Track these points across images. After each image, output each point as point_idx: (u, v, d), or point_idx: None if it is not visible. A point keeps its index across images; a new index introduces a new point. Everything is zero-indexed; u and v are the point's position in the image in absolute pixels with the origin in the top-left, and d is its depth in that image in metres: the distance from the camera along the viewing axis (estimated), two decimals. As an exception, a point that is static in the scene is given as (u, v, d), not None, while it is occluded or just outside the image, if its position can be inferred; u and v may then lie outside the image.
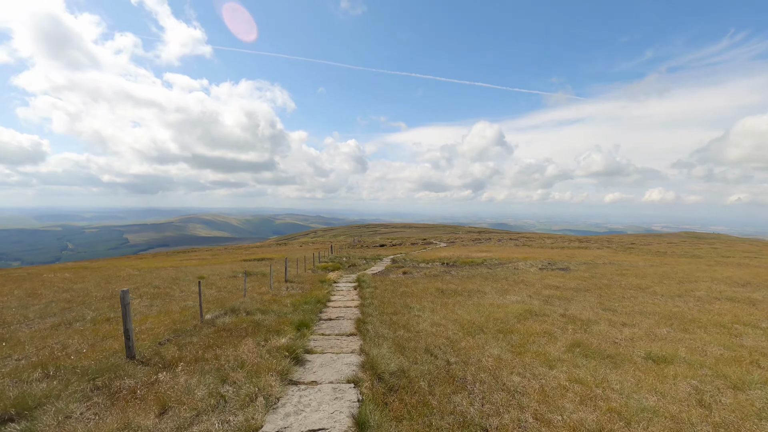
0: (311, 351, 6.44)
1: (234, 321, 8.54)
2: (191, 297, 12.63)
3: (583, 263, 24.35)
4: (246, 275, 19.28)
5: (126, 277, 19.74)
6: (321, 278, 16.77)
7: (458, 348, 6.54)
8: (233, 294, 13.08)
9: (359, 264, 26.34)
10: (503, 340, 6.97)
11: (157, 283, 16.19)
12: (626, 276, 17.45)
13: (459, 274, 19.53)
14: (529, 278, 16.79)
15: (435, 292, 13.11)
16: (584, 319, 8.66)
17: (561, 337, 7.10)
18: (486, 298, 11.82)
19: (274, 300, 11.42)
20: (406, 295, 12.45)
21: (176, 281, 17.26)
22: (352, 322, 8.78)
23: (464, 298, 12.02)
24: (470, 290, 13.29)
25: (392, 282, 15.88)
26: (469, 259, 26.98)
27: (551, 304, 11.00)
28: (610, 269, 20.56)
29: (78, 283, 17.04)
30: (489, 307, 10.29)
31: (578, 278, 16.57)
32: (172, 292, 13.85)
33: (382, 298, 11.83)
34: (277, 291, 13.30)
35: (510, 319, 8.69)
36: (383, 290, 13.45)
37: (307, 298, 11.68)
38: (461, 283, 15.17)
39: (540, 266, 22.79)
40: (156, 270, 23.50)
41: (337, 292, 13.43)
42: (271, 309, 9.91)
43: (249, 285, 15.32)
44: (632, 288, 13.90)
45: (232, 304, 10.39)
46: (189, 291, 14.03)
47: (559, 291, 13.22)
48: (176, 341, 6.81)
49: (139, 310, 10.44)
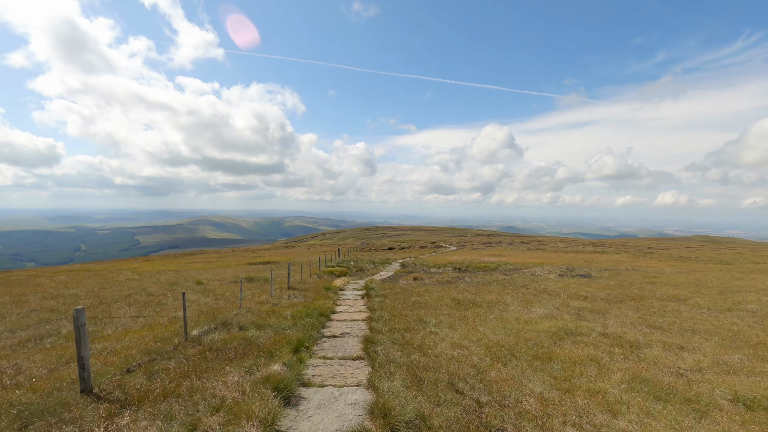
0: (308, 383, 5.26)
1: (223, 339, 7.43)
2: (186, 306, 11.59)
3: (604, 269, 22.84)
4: (247, 281, 18.30)
5: (123, 281, 18.87)
6: (326, 285, 15.65)
7: (488, 380, 5.32)
8: (230, 303, 12.00)
9: (367, 268, 25.18)
10: (542, 370, 5.71)
11: (153, 289, 15.23)
12: (657, 284, 15.98)
13: (473, 280, 18.24)
14: (551, 287, 15.43)
15: (451, 302, 11.86)
16: (631, 341, 7.35)
17: (612, 366, 5.82)
18: (509, 311, 10.53)
19: (272, 311, 10.30)
20: (419, 306, 11.23)
21: (173, 287, 16.30)
22: (358, 340, 7.60)
23: (484, 310, 10.75)
24: (490, 301, 12.00)
25: (403, 289, 14.68)
26: (483, 264, 25.62)
27: (585, 318, 9.67)
28: (636, 276, 19.05)
29: (72, 287, 16.19)
30: (515, 322, 9.01)
31: (605, 287, 15.16)
32: (166, 299, 12.83)
33: (392, 310, 10.63)
34: (278, 300, 12.19)
35: (543, 339, 7.41)
36: (393, 300, 12.25)
37: (309, 309, 10.54)
38: (478, 292, 13.89)
39: (559, 272, 21.36)
40: (156, 274, 22.64)
41: (343, 302, 12.26)
42: (268, 323, 8.78)
43: (249, 292, 14.27)
44: (670, 299, 12.47)
45: (225, 316, 9.30)
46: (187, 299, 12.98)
47: (588, 302, 11.86)
48: (148, 367, 5.71)
49: (122, 322, 9.41)
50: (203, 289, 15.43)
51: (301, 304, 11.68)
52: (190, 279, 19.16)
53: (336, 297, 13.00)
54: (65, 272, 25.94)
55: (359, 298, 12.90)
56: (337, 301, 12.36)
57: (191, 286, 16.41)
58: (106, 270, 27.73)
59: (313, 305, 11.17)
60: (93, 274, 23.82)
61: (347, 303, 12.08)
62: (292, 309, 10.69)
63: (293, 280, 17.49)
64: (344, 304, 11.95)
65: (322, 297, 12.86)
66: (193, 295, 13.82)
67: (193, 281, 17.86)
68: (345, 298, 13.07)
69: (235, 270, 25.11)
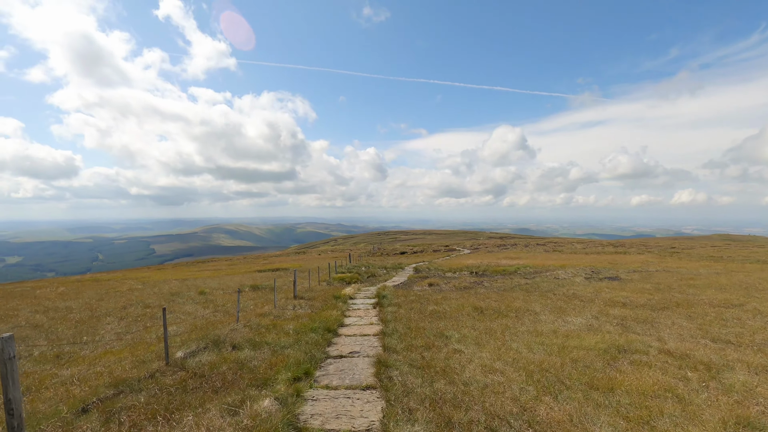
0: (305, 429, 4.09)
1: (211, 361, 6.33)
2: (180, 320, 10.60)
3: (632, 271, 21.14)
4: (252, 290, 17.32)
5: (125, 292, 18.10)
6: (335, 293, 14.52)
7: (539, 422, 4.06)
8: (229, 316, 10.96)
9: (379, 274, 23.98)
10: (606, 406, 4.42)
11: (151, 301, 14.33)
12: (698, 287, 14.34)
13: (493, 285, 16.86)
14: (581, 291, 13.97)
15: (472, 311, 10.57)
16: (703, 361, 5.97)
17: (696, 400, 4.49)
18: (542, 322, 9.20)
19: (273, 325, 9.19)
20: (437, 317, 9.98)
21: (174, 297, 15.39)
22: (369, 362, 6.41)
23: (512, 320, 9.43)
24: (517, 309, 10.66)
25: (417, 297, 13.44)
26: (500, 268, 24.15)
27: (633, 330, 8.29)
28: (670, 278, 17.36)
29: (69, 300, 15.42)
30: (552, 336, 7.69)
31: (641, 291, 13.63)
32: (159, 313, 11.84)
33: (407, 322, 9.41)
34: (281, 312, 11.09)
35: (594, 359, 6.10)
36: (408, 309, 11.02)
37: (314, 322, 9.40)
38: (501, 299, 12.55)
39: (584, 275, 19.78)
40: (161, 283, 21.87)
41: (352, 312, 11.09)
42: (266, 340, 7.66)
43: (251, 303, 13.23)
44: (723, 305, 10.92)
45: (219, 332, 8.22)
46: (181, 311, 12.03)
47: (630, 310, 10.42)
48: (110, 404, 4.63)
49: (106, 340, 8.42)
50: (204, 299, 14.48)
51: (306, 315, 10.56)
52: (193, 288, 18.28)
53: (345, 306, 11.84)
54: (73, 282, 25.46)
55: (370, 308, 11.72)
56: (346, 311, 11.19)
57: (193, 297, 15.48)
58: (112, 279, 27.20)
59: (320, 317, 10.03)
60: (97, 284, 23.23)
61: (357, 313, 10.91)
62: (296, 322, 9.57)
63: (300, 289, 16.43)
64: (354, 314, 10.78)
65: (330, 307, 11.73)
66: (192, 306, 12.85)
67: (196, 291, 16.95)
68: (355, 307, 11.90)
69: (242, 278, 24.23)
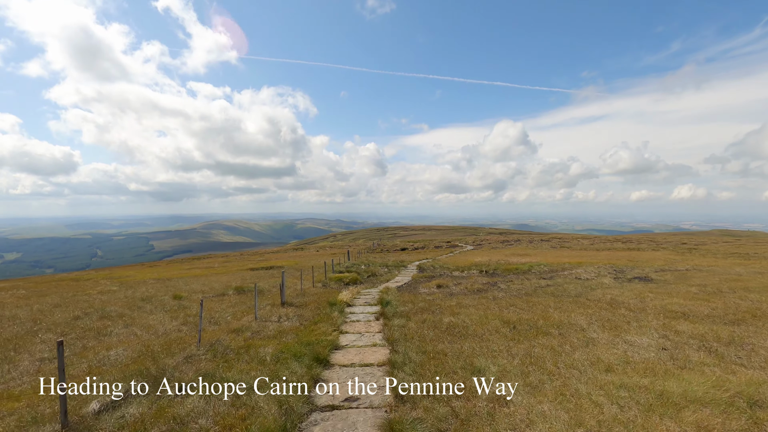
0: None
1: (138, 419, 4.18)
2: (132, 338, 8.43)
3: (659, 270, 18.92)
4: (236, 293, 15.18)
5: (94, 295, 15.93)
6: (331, 298, 12.37)
7: None
8: (198, 330, 8.78)
9: (380, 273, 21.81)
10: None
11: (115, 309, 12.16)
12: (752, 290, 12.05)
13: (511, 288, 14.67)
14: (620, 296, 11.76)
15: (501, 326, 8.37)
16: None
17: None
18: (597, 343, 7.02)
19: (247, 347, 7.02)
20: (458, 334, 7.80)
21: (144, 303, 13.24)
22: (375, 421, 4.24)
23: (557, 340, 7.26)
24: (557, 323, 8.45)
25: (428, 303, 11.28)
26: (512, 266, 21.94)
27: (731, 360, 6.10)
28: (711, 279, 15.07)
29: (21, 306, 13.25)
30: (629, 371, 5.51)
31: (691, 297, 11.41)
32: (115, 326, 9.59)
33: (421, 342, 7.24)
34: (263, 325, 8.92)
35: (729, 425, 3.93)
36: (420, 322, 8.83)
37: (302, 341, 7.22)
38: (530, 307, 10.36)
39: (610, 275, 17.58)
40: (138, 284, 19.70)
41: (350, 326, 8.91)
42: (229, 376, 5.49)
43: (230, 311, 11.07)
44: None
45: (167, 363, 6.05)
46: (141, 324, 9.84)
47: (699, 325, 8.21)
48: None
49: (13, 375, 6.24)
50: (177, 306, 12.31)
51: (292, 330, 8.39)
52: (172, 291, 16.12)
53: (341, 317, 9.66)
54: (44, 283, 23.30)
55: (372, 320, 9.54)
56: (342, 324, 9.01)
57: (165, 302, 13.33)
58: (91, 279, 25.05)
59: (309, 334, 7.85)
60: (72, 285, 21.07)
61: (356, 327, 8.73)
62: (277, 342, 7.40)
63: (291, 292, 14.26)
64: (352, 329, 8.60)
65: (323, 318, 9.56)
66: (159, 316, 10.69)
67: (172, 295, 14.78)
68: (354, 318, 9.72)
69: (231, 278, 22.08)
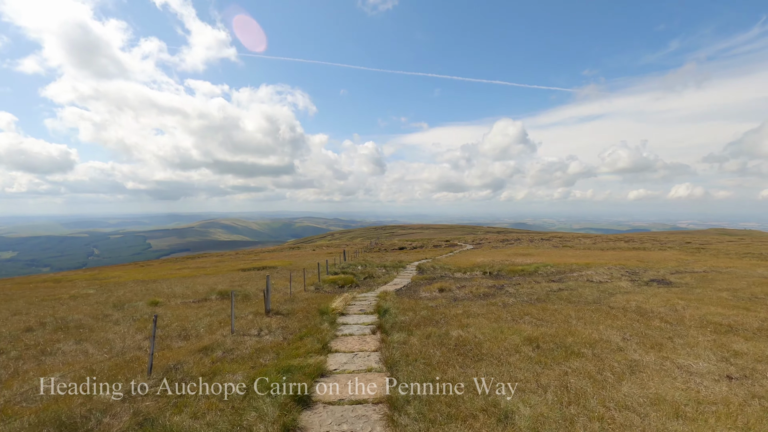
0: None
1: None
2: (79, 358, 7.07)
3: (675, 272, 17.63)
4: (220, 298, 13.82)
5: (65, 300, 14.54)
6: (322, 305, 11.02)
7: None
8: (162, 347, 7.41)
9: (377, 274, 20.46)
10: None
11: (78, 317, 10.77)
12: None
13: (520, 292, 13.33)
14: (645, 303, 10.41)
15: (521, 343, 7.00)
16: None
17: None
18: (645, 369, 5.68)
19: (212, 374, 5.67)
20: (471, 355, 6.46)
21: (117, 309, 11.89)
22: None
23: (593, 364, 5.91)
24: (586, 340, 7.09)
25: (430, 311, 9.94)
26: (517, 267, 20.61)
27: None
28: (738, 283, 13.73)
29: (-22, 314, 11.87)
30: (716, 425, 4.18)
31: (729, 304, 10.06)
32: (66, 342, 8.20)
33: (427, 368, 5.88)
34: (239, 340, 7.57)
35: None
36: (424, 337, 7.47)
37: (279, 369, 5.86)
38: (546, 317, 9.00)
39: (624, 278, 16.28)
40: (118, 287, 18.30)
41: (341, 342, 7.56)
42: (174, 426, 4.14)
43: (206, 321, 9.72)
44: None
45: (101, 400, 4.70)
46: (98, 339, 8.46)
47: (763, 343, 6.87)
48: None
49: None
50: (150, 314, 10.95)
51: (272, 348, 7.04)
52: (151, 295, 14.74)
53: (332, 330, 8.30)
54: (20, 285, 21.84)
55: (368, 333, 8.19)
56: (332, 340, 7.64)
57: (140, 309, 11.97)
58: (74, 280, 23.61)
59: (290, 356, 6.49)
60: (50, 287, 19.66)
61: (349, 344, 7.38)
62: (251, 365, 6.05)
63: (279, 297, 12.90)
64: (343, 347, 7.24)
65: (311, 330, 8.21)
66: (123, 327, 9.33)
67: (149, 300, 13.40)
68: (346, 332, 8.36)
69: (220, 279, 20.71)
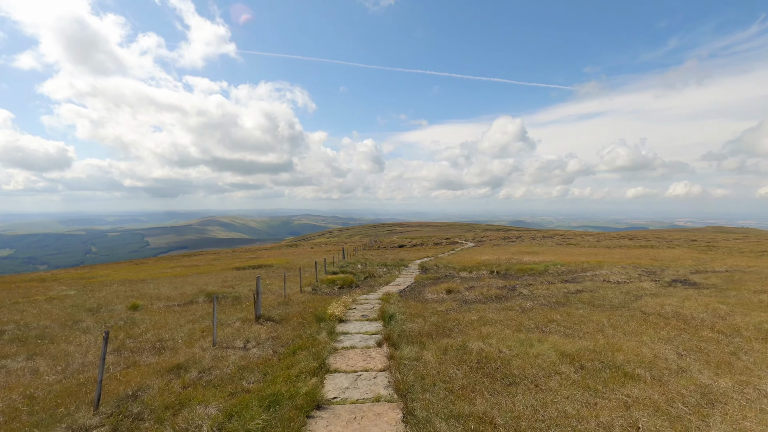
0: None
1: None
2: (28, 376, 5.84)
3: (694, 271, 16.44)
4: (207, 301, 12.60)
5: (39, 302, 13.30)
6: (319, 309, 9.82)
7: None
8: (131, 362, 6.19)
9: (378, 274, 19.26)
10: None
11: (45, 323, 9.54)
12: None
13: (536, 294, 12.13)
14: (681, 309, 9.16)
15: (558, 361, 5.79)
16: None
17: None
18: (729, 402, 4.49)
19: (177, 408, 4.46)
20: (499, 378, 5.25)
21: (91, 314, 10.70)
22: None
23: (658, 393, 4.72)
24: (638, 358, 5.87)
25: (442, 318, 8.72)
26: (526, 266, 19.39)
27: None
28: None
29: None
30: None
31: None
32: (12, 360, 6.97)
33: (449, 396, 4.68)
34: (221, 355, 6.35)
35: None
36: (440, 353, 6.25)
37: (263, 400, 4.64)
38: (575, 325, 7.79)
39: (646, 278, 15.06)
40: (101, 287, 17.03)
41: (341, 359, 6.34)
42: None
43: (188, 328, 8.50)
44: None
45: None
46: (58, 352, 7.23)
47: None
48: None
49: None
50: (126, 319, 9.72)
51: (259, 365, 5.83)
52: (135, 296, 13.52)
53: (330, 342, 7.09)
54: (2, 284, 20.57)
55: (373, 345, 6.97)
56: (330, 356, 6.42)
57: (117, 313, 10.75)
58: (52, 280, 22.33)
59: (279, 378, 5.27)
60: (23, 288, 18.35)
61: (350, 362, 6.16)
62: (229, 393, 4.83)
63: (273, 300, 11.68)
64: (344, 365, 6.02)
65: (306, 342, 7.00)
66: (93, 335, 8.11)
67: (129, 303, 12.17)
68: (347, 344, 7.15)
69: (212, 278, 19.48)
